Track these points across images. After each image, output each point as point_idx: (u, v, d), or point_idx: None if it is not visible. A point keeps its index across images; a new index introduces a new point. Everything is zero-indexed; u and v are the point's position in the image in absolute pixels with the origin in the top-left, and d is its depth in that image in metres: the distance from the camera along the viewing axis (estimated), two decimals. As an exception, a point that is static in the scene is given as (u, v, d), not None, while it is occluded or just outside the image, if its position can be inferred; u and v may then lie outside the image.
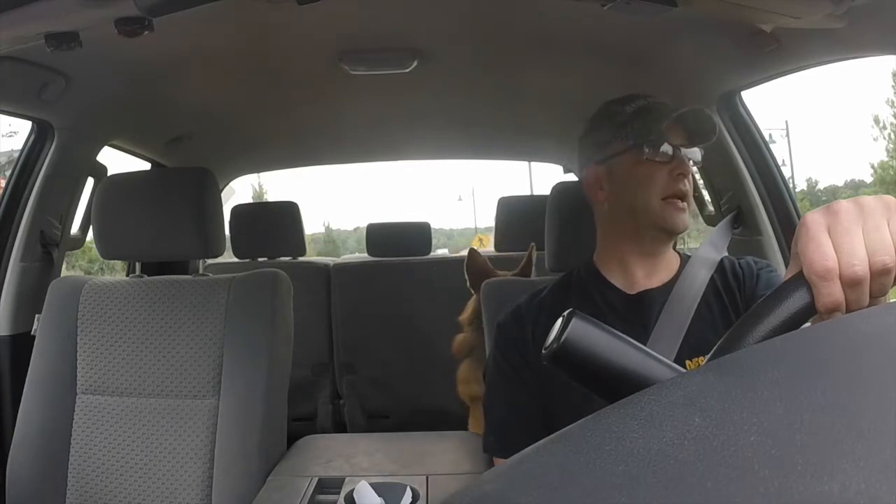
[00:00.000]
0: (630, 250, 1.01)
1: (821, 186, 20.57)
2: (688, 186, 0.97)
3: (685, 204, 0.97)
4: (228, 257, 2.47)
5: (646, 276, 1.01)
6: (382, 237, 2.55)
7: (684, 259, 1.04)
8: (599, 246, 1.06)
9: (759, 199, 1.55)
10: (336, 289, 2.36)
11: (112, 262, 2.27)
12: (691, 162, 0.98)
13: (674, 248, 1.07)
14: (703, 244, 1.07)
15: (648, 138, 0.96)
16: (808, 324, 0.47)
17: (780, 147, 17.61)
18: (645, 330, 0.92)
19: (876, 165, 17.13)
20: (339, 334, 2.35)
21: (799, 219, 0.72)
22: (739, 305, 0.97)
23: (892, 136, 16.62)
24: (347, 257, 4.34)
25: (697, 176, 1.79)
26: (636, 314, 0.97)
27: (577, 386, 0.44)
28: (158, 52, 1.30)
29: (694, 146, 0.98)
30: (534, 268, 1.75)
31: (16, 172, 1.54)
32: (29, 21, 0.95)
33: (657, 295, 0.98)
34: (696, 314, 0.94)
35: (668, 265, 1.02)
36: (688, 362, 0.90)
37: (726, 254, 1.05)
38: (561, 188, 1.26)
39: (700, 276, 0.98)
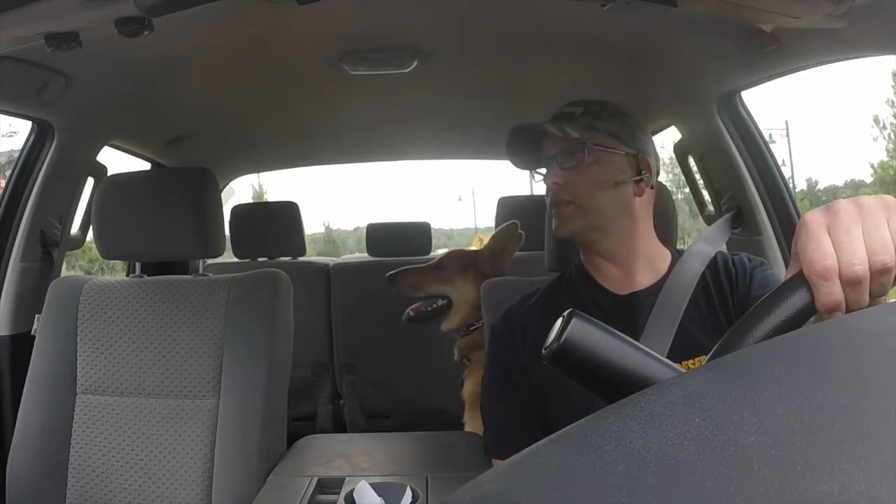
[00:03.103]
0: (586, 256, 1.04)
1: (821, 186, 20.61)
2: (561, 195, 0.98)
3: (557, 211, 0.99)
4: (228, 257, 2.47)
5: (631, 276, 0.99)
6: (382, 237, 2.55)
7: (676, 257, 1.02)
8: None
9: (759, 199, 1.54)
10: (336, 289, 2.36)
11: (112, 262, 2.27)
12: (562, 169, 0.98)
13: (669, 247, 1.06)
14: (697, 239, 1.06)
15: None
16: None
17: (780, 147, 17.66)
18: (634, 332, 0.89)
19: (876, 165, 17.18)
20: (339, 334, 2.35)
21: (799, 219, 0.72)
22: (730, 306, 0.95)
23: (892, 136, 16.65)
24: (347, 257, 4.34)
25: (697, 176, 1.79)
26: (624, 316, 0.94)
27: (576, 386, 0.44)
28: (158, 52, 1.30)
29: (540, 164, 1.02)
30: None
31: (16, 172, 1.54)
32: (29, 21, 0.95)
33: (647, 296, 0.96)
34: (686, 315, 0.92)
35: (657, 264, 1.00)
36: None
37: (721, 248, 1.03)
38: None
39: (692, 270, 0.96)
